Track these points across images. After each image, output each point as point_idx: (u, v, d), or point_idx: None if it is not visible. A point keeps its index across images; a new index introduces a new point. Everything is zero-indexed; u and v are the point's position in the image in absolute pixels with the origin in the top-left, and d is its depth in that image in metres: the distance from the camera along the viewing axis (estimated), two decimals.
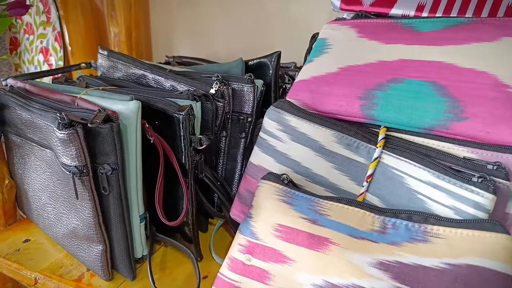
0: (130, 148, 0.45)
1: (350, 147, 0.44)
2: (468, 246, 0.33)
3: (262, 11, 0.75)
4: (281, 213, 0.41)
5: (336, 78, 0.48)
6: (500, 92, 0.40)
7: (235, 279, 0.42)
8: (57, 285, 0.49)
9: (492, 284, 0.31)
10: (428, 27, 0.48)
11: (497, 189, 0.37)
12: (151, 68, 0.62)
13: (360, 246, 0.36)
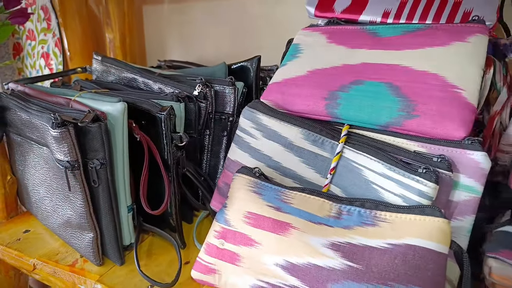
0: (117, 145, 0.50)
1: (316, 143, 0.49)
2: (409, 229, 0.38)
3: (248, 15, 0.80)
4: (251, 202, 0.45)
5: (305, 80, 0.53)
6: (448, 92, 0.44)
7: (211, 262, 0.46)
8: (53, 270, 0.54)
9: (427, 260, 0.36)
10: (389, 33, 0.53)
11: (440, 179, 0.41)
12: (140, 72, 0.67)
13: (317, 230, 0.41)
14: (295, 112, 0.52)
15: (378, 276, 0.36)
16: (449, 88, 0.44)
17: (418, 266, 0.35)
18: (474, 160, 0.41)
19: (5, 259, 0.60)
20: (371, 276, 0.36)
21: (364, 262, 0.37)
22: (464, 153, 0.42)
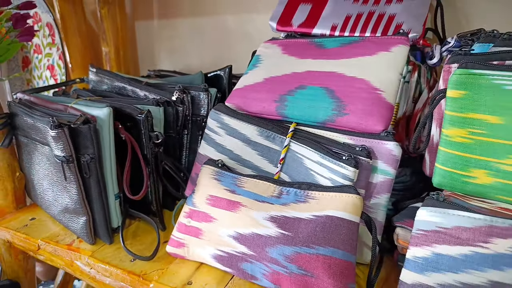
0: (104, 143, 0.60)
1: (269, 138, 0.59)
2: (330, 203, 0.47)
3: (226, 30, 0.91)
4: (212, 187, 0.55)
5: (261, 86, 0.62)
6: (371, 94, 0.54)
7: (181, 237, 0.56)
8: (54, 249, 0.65)
9: (341, 227, 0.45)
10: (331, 44, 0.63)
11: (360, 165, 0.50)
12: (129, 82, 0.78)
13: (260, 207, 0.50)
14: (253, 113, 0.62)
15: (303, 240, 0.45)
16: (372, 91, 0.54)
17: (334, 231, 0.45)
18: (388, 149, 0.50)
19: (14, 242, 0.70)
20: (298, 240, 0.46)
21: (293, 230, 0.47)
22: (381, 143, 0.51)
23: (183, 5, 0.96)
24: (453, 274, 0.37)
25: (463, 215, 0.38)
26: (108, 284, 0.61)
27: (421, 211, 0.41)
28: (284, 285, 0.47)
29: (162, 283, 0.54)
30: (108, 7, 0.94)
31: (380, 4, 0.66)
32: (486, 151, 0.43)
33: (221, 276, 0.54)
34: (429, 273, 0.38)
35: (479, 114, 0.42)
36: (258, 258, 0.49)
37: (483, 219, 0.38)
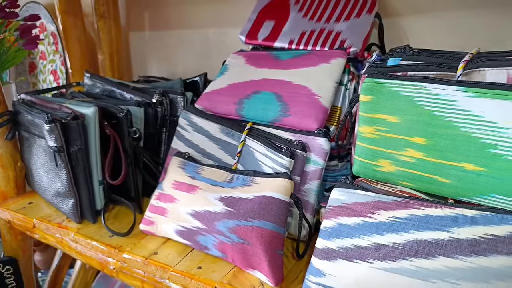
0: (91, 136, 0.71)
1: (228, 135, 0.69)
2: (267, 186, 0.57)
3: (207, 42, 1.02)
4: (177, 174, 0.66)
5: (225, 91, 0.73)
6: (310, 99, 0.64)
7: (151, 216, 0.67)
8: (47, 227, 0.76)
9: (273, 205, 0.55)
10: (285, 57, 0.73)
11: (296, 156, 0.61)
12: (118, 86, 0.89)
13: (213, 189, 0.61)
14: (217, 113, 0.73)
15: (242, 215, 0.56)
16: (311, 96, 0.64)
17: (267, 208, 0.55)
18: (319, 143, 0.61)
19: (14, 222, 0.81)
20: (239, 215, 0.56)
21: (236, 207, 0.57)
22: (314, 139, 0.61)
23: (171, 19, 1.08)
24: (349, 239, 0.47)
25: (359, 193, 0.49)
26: (90, 257, 0.72)
27: (333, 191, 0.51)
28: (228, 252, 0.57)
29: (133, 253, 0.64)
30: (104, 20, 1.06)
31: (330, 22, 0.77)
32: (388, 144, 0.53)
33: (182, 249, 0.65)
34: (333, 239, 0.48)
35: (382, 115, 0.53)
36: (209, 231, 0.59)
37: (373, 196, 0.48)
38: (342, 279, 0.47)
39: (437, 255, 0.41)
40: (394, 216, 0.45)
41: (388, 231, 0.45)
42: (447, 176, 0.49)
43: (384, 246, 0.44)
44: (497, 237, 0.40)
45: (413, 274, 0.42)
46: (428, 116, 0.49)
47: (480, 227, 0.41)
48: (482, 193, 0.47)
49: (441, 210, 0.44)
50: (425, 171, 0.51)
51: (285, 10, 0.83)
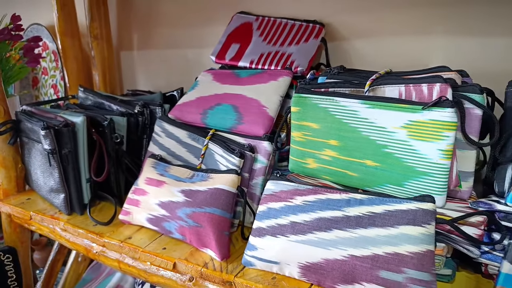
0: (80, 141, 0.85)
1: (194, 140, 0.83)
2: (219, 180, 0.70)
3: (186, 60, 1.17)
4: (149, 172, 0.79)
5: (193, 103, 0.87)
6: (260, 110, 0.78)
7: (128, 208, 0.80)
8: (41, 218, 0.89)
9: (222, 195, 0.68)
10: (244, 75, 0.87)
11: (246, 157, 0.74)
12: (106, 98, 1.03)
13: (177, 184, 0.74)
14: (186, 121, 0.86)
15: (198, 203, 0.68)
16: (261, 108, 0.78)
17: (217, 197, 0.68)
18: (264, 146, 0.74)
19: (13, 214, 0.95)
20: (195, 204, 0.69)
21: (193, 197, 0.70)
22: (261, 143, 0.74)
23: (156, 41, 1.23)
24: (274, 219, 0.60)
25: (284, 184, 0.61)
26: (77, 243, 0.84)
27: (267, 183, 0.64)
28: (186, 235, 0.70)
29: (111, 238, 0.77)
30: (98, 42, 1.21)
31: (284, 45, 0.91)
32: (312, 146, 0.66)
33: (152, 235, 0.77)
34: (263, 220, 0.61)
35: (307, 122, 0.66)
36: (172, 218, 0.72)
37: (293, 185, 0.60)
38: (268, 251, 0.59)
39: (332, 229, 0.54)
40: (306, 200, 0.58)
41: (300, 212, 0.58)
42: (354, 170, 0.62)
43: (297, 223, 0.57)
44: (376, 214, 0.52)
45: (316, 243, 0.54)
46: (339, 123, 0.63)
47: (365, 207, 0.54)
48: (379, 184, 0.60)
49: (339, 195, 0.56)
50: (339, 167, 0.64)
51: (248, 35, 0.98)
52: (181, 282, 0.69)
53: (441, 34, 0.81)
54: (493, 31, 0.76)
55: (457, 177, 0.56)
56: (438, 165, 0.54)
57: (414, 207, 0.51)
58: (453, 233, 0.52)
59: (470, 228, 0.53)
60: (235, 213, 0.73)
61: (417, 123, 0.55)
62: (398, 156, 0.57)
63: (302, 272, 0.56)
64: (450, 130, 0.53)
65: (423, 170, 0.55)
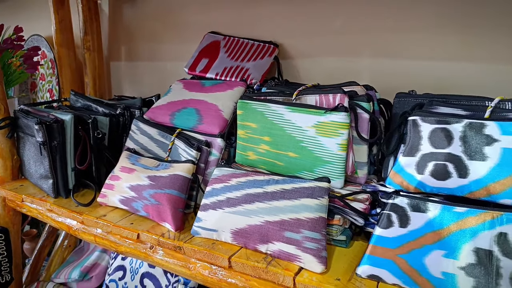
0: (67, 135, 1.01)
1: (163, 137, 0.99)
2: (178, 168, 0.86)
3: (166, 72, 1.34)
4: (124, 162, 0.95)
5: (164, 106, 1.04)
6: (217, 113, 0.94)
7: (105, 191, 0.96)
8: (32, 200, 1.04)
9: (179, 179, 0.84)
10: (208, 84, 1.04)
11: (202, 150, 0.90)
12: (94, 101, 1.19)
13: (145, 171, 0.90)
14: (158, 122, 1.03)
15: (159, 186, 0.84)
16: (218, 111, 0.95)
17: (175, 181, 0.84)
18: (218, 142, 0.90)
19: (7, 197, 1.10)
20: (157, 186, 0.85)
21: (157, 181, 0.86)
22: (215, 140, 0.91)
23: (141, 53, 1.40)
24: (215, 196, 0.76)
25: (225, 169, 0.78)
26: (61, 222, 1.00)
27: (214, 170, 0.80)
28: (149, 212, 0.86)
29: (89, 215, 0.92)
30: (90, 53, 1.39)
31: (243, 61, 1.09)
32: (252, 141, 0.83)
33: (123, 214, 0.93)
34: (208, 198, 0.77)
35: (248, 123, 0.83)
36: (139, 198, 0.87)
37: (232, 170, 0.77)
38: (209, 222, 0.75)
39: (255, 201, 0.70)
40: (239, 181, 0.74)
41: (234, 190, 0.74)
42: (281, 161, 0.79)
43: (231, 199, 0.73)
44: (286, 190, 0.69)
45: (243, 213, 0.71)
46: (271, 123, 0.80)
47: (279, 185, 0.70)
48: (298, 171, 0.77)
49: (263, 177, 0.73)
50: (270, 158, 0.80)
51: (216, 52, 1.15)
52: (144, 250, 0.85)
53: (367, 57, 0.99)
54: (402, 55, 0.94)
55: (353, 166, 0.72)
56: (337, 155, 0.71)
57: (314, 185, 0.67)
58: (346, 208, 0.69)
59: (359, 203, 0.69)
60: (192, 197, 0.90)
61: (322, 123, 0.72)
62: (310, 149, 0.74)
63: (233, 237, 0.72)
64: (344, 128, 0.70)
65: (327, 160, 0.72)
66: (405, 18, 0.93)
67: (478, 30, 0.86)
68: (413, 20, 0.92)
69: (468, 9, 0.86)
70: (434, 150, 0.62)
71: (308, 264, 0.64)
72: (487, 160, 0.58)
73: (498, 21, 0.84)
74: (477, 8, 0.85)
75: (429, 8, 0.90)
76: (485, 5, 0.84)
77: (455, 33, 0.88)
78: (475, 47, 0.86)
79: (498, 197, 0.57)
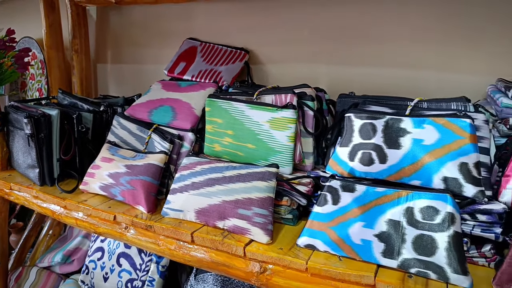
0: (53, 128, 1.11)
1: (141, 131, 1.10)
2: (152, 158, 0.97)
3: (147, 73, 1.46)
4: (104, 153, 1.06)
5: (143, 104, 1.15)
6: (190, 110, 1.06)
7: (86, 179, 1.06)
8: (19, 188, 1.13)
9: (152, 167, 0.95)
10: (183, 85, 1.16)
11: (175, 143, 1.01)
12: (80, 99, 1.30)
13: (123, 161, 1.00)
14: (137, 118, 1.13)
15: (135, 173, 0.95)
16: (191, 109, 1.06)
17: (149, 169, 0.94)
18: (189, 136, 1.02)
19: None
20: (133, 174, 0.95)
21: (133, 169, 0.96)
22: (187, 134, 1.02)
23: (126, 57, 1.52)
24: (183, 181, 0.87)
25: (193, 158, 0.89)
26: (45, 207, 1.09)
27: (184, 159, 0.91)
28: (125, 196, 0.96)
29: (71, 200, 1.02)
30: (77, 55, 1.49)
31: (217, 65, 1.21)
32: (217, 135, 0.94)
33: (102, 199, 1.03)
34: (176, 183, 0.88)
35: (215, 118, 0.94)
36: (116, 185, 0.98)
37: (198, 159, 0.88)
38: (177, 203, 0.86)
39: (215, 185, 0.81)
40: (203, 168, 0.86)
41: (198, 175, 0.85)
42: (242, 151, 0.90)
43: (195, 183, 0.84)
44: (241, 174, 0.80)
45: (204, 195, 0.82)
46: (233, 119, 0.91)
47: (236, 170, 0.81)
48: (256, 160, 0.88)
49: (223, 164, 0.84)
50: (233, 149, 0.92)
51: (193, 56, 1.27)
52: (119, 231, 0.95)
53: (325, 64, 1.12)
54: (353, 63, 1.07)
55: (301, 155, 0.84)
56: (286, 146, 0.83)
57: (264, 170, 0.79)
58: (293, 190, 0.80)
59: (303, 187, 0.81)
60: (164, 184, 1.00)
61: (275, 119, 0.84)
62: (265, 141, 0.86)
63: (196, 216, 0.83)
64: (292, 123, 0.82)
65: (279, 150, 0.84)
66: (358, 31, 1.06)
67: (413, 43, 0.99)
68: (363, 33, 1.05)
69: (411, 24, 1.00)
70: (362, 141, 0.74)
71: (257, 236, 0.75)
72: (401, 149, 0.70)
73: (429, 35, 0.97)
74: (420, 22, 0.99)
75: (375, 25, 1.04)
76: (423, 18, 0.98)
77: (397, 46, 1.02)
78: (408, 57, 1.01)
79: (409, 179, 0.70)
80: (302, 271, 0.70)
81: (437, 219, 0.63)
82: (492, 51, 0.92)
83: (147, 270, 1.08)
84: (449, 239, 0.61)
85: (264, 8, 1.21)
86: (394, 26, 1.02)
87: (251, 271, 0.74)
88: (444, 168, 0.67)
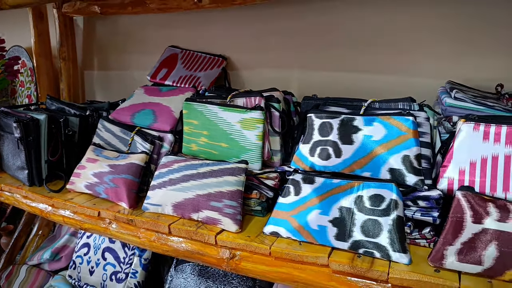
0: (41, 132, 1.18)
1: (125, 133, 1.17)
2: (134, 158, 1.04)
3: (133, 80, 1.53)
4: (89, 154, 1.12)
5: (126, 108, 1.22)
6: (169, 113, 1.13)
7: (73, 179, 1.12)
8: (9, 188, 1.20)
9: (134, 167, 1.02)
10: (164, 90, 1.23)
11: (155, 145, 1.08)
12: (67, 105, 1.36)
13: (107, 161, 1.07)
14: (120, 121, 1.21)
15: (117, 172, 1.02)
16: (170, 112, 1.13)
17: (130, 168, 1.02)
18: (168, 137, 1.09)
19: None
20: (116, 172, 1.02)
21: (116, 168, 1.03)
22: (167, 135, 1.10)
23: (112, 64, 1.59)
24: (161, 178, 0.94)
25: (171, 157, 0.96)
26: (34, 206, 1.15)
27: (163, 158, 0.99)
28: (109, 194, 1.03)
29: (59, 199, 1.09)
30: (65, 62, 1.56)
31: (196, 71, 1.29)
32: (194, 135, 1.02)
33: (88, 198, 1.09)
34: (156, 180, 0.95)
35: (191, 120, 1.02)
36: (101, 183, 1.05)
37: (175, 157, 0.96)
38: (155, 198, 0.93)
39: (190, 180, 0.89)
40: (179, 165, 0.93)
41: (175, 172, 0.92)
42: (216, 150, 0.98)
43: (172, 179, 0.92)
44: (214, 170, 0.88)
45: (180, 190, 0.89)
46: (208, 120, 0.99)
47: (209, 167, 0.89)
48: (229, 157, 0.96)
49: (198, 161, 0.92)
50: (208, 148, 1.00)
51: (174, 63, 1.35)
52: (103, 225, 1.02)
53: (297, 69, 1.20)
54: (323, 68, 1.15)
55: (269, 152, 0.92)
56: (255, 144, 0.91)
57: (234, 166, 0.86)
58: (261, 184, 0.88)
59: (270, 181, 0.89)
60: (146, 182, 1.07)
61: (245, 119, 0.92)
62: (236, 140, 0.94)
63: (173, 209, 0.90)
64: (260, 123, 0.90)
65: (249, 148, 0.92)
66: (323, 39, 1.15)
67: (370, 48, 1.08)
68: (331, 39, 1.14)
69: (370, 29, 1.09)
70: (321, 138, 0.82)
71: (227, 226, 0.83)
72: (353, 144, 0.78)
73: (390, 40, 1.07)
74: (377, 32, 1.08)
75: (343, 32, 1.12)
76: (383, 23, 1.07)
77: (361, 52, 1.10)
78: (369, 62, 1.10)
79: (361, 171, 0.78)
80: (266, 255, 0.77)
81: (383, 205, 0.71)
82: (443, 55, 1.01)
83: (130, 263, 1.14)
84: (392, 222, 0.69)
85: (240, 19, 1.29)
86: (357, 33, 1.11)
87: (221, 257, 0.82)
88: (390, 160, 0.75)
